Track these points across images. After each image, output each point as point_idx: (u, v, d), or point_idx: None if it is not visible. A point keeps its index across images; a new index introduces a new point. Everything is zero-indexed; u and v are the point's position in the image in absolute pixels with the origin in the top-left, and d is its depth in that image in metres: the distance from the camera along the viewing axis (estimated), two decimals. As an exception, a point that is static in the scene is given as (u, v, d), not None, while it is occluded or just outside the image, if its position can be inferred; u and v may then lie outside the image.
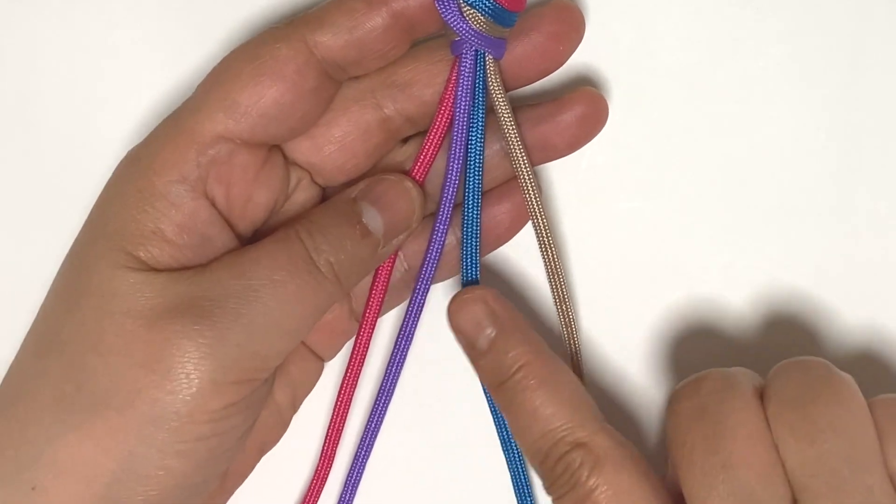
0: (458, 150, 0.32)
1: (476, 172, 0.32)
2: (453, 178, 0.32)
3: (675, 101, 0.34)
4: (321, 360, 0.35)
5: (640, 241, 0.35)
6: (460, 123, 0.32)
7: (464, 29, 0.30)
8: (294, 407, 0.34)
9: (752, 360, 0.32)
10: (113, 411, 0.28)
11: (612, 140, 0.34)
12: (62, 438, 0.28)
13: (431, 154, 0.32)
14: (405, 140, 0.34)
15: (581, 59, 0.34)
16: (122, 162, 0.31)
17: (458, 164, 0.32)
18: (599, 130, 0.33)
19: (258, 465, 0.34)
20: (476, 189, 0.32)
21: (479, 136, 0.32)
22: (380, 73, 0.32)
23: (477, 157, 0.32)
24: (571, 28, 0.32)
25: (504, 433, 0.34)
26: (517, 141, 0.32)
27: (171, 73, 0.35)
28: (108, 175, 0.31)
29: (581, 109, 0.32)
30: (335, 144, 0.32)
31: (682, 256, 0.35)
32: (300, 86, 0.30)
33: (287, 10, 0.34)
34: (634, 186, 0.35)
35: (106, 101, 0.35)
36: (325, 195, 0.33)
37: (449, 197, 0.32)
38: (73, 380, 0.28)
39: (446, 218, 0.33)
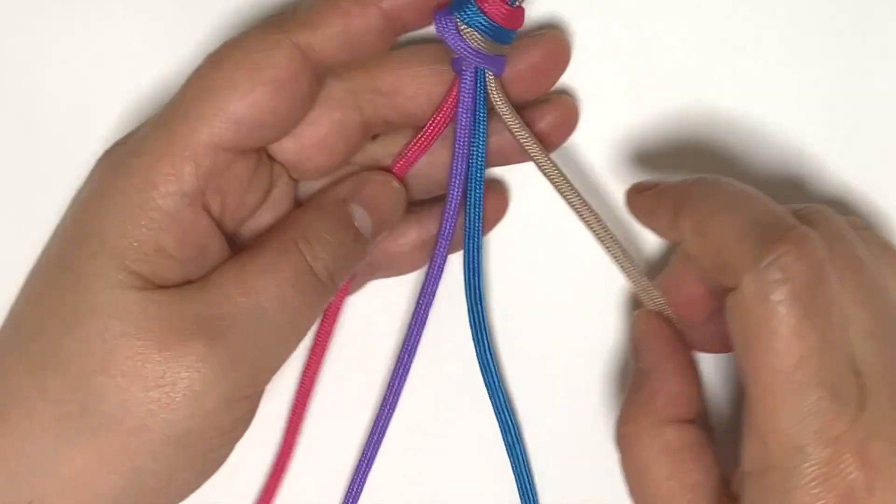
0: (459, 167, 0.32)
1: (477, 187, 0.32)
2: (455, 193, 0.32)
3: (676, 100, 0.34)
4: None
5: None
6: (462, 140, 0.32)
7: (462, 48, 0.30)
8: None
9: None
10: (126, 432, 0.28)
11: (614, 140, 0.34)
12: (66, 456, 0.28)
13: (417, 156, 0.32)
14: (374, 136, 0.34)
15: (583, 58, 0.34)
16: (109, 170, 0.30)
17: (460, 181, 0.32)
18: (570, 134, 0.33)
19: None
20: (477, 205, 0.32)
21: (480, 151, 0.32)
22: (364, 75, 0.31)
23: (478, 172, 0.32)
24: (557, 62, 0.33)
25: (510, 438, 0.35)
26: (540, 152, 0.32)
27: (165, 70, 0.34)
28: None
29: (552, 118, 0.33)
30: (316, 144, 0.32)
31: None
32: (295, 92, 0.29)
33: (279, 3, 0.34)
34: (627, 183, 0.34)
35: (100, 98, 0.35)
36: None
37: (451, 215, 0.33)
38: (77, 401, 0.28)
39: (446, 242, 0.33)
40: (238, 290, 0.29)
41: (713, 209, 0.29)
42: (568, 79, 0.34)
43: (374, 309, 0.36)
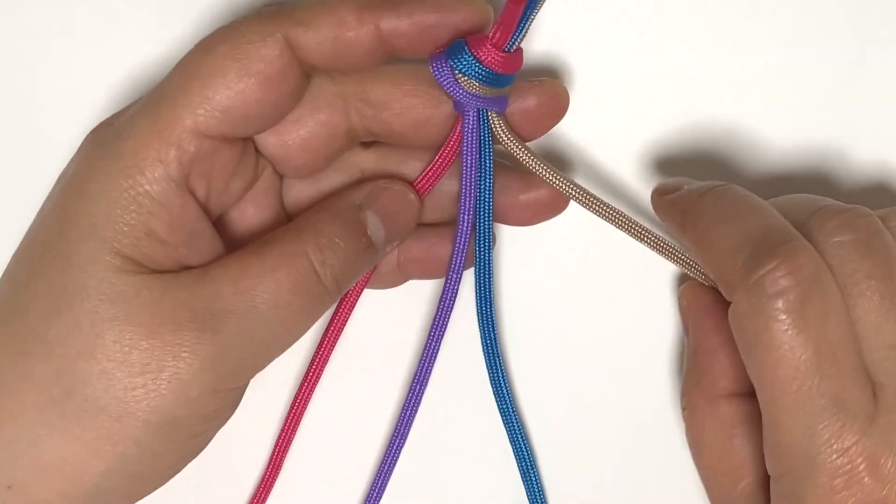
0: (467, 204, 0.32)
1: (486, 221, 0.32)
2: (465, 229, 0.32)
3: (674, 101, 0.34)
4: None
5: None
6: (468, 180, 0.32)
7: (460, 94, 0.30)
8: None
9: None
10: (109, 418, 0.28)
11: (613, 141, 0.34)
12: (48, 441, 0.28)
13: (438, 175, 0.32)
14: (367, 143, 0.33)
15: (581, 59, 0.34)
16: (95, 152, 0.29)
17: (468, 217, 0.32)
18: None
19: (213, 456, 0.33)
20: (486, 235, 0.32)
21: (487, 187, 0.32)
22: (357, 83, 0.31)
23: (485, 212, 0.32)
24: (555, 111, 0.32)
25: (524, 464, 0.35)
26: (559, 179, 0.32)
27: (155, 53, 0.34)
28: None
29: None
30: (299, 142, 0.32)
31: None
32: (282, 87, 0.29)
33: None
34: (636, 186, 0.35)
35: (89, 80, 0.35)
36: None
37: (460, 253, 0.33)
38: (62, 385, 0.28)
39: (456, 285, 0.33)
40: (234, 288, 0.29)
41: (712, 223, 0.29)
42: (568, 82, 0.34)
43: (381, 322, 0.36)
